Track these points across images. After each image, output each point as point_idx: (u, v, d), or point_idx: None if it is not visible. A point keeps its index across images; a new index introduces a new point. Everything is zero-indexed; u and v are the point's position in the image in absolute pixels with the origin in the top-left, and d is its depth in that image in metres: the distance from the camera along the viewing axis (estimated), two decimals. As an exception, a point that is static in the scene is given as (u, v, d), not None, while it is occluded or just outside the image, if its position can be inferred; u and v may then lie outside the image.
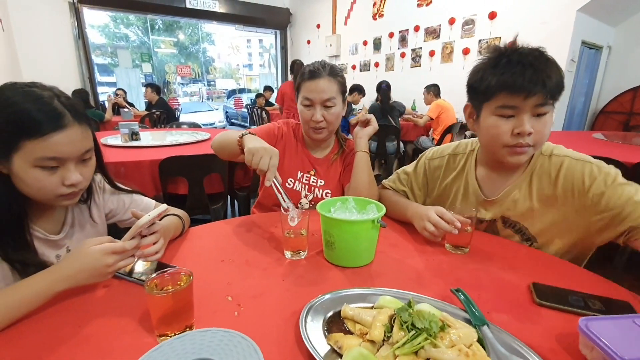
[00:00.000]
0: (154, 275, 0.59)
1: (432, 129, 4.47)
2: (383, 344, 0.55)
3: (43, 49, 5.76)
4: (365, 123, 1.27)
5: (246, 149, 0.93)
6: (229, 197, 2.55)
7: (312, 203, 1.29)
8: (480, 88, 0.90)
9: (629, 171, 2.03)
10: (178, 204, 1.15)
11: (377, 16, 6.43)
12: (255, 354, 0.37)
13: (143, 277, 0.77)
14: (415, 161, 1.22)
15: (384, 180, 1.29)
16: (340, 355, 0.53)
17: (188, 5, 7.30)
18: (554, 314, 0.68)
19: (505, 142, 0.89)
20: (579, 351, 0.58)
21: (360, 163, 1.21)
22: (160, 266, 0.82)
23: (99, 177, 0.97)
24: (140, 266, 0.82)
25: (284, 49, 9.20)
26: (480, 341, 0.56)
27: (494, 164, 1.01)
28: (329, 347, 0.56)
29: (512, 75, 0.83)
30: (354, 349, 0.52)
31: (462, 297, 0.68)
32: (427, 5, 5.52)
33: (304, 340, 0.56)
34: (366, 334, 0.57)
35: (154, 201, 1.07)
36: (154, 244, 0.78)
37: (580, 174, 0.89)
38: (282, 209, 0.90)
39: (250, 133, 1.03)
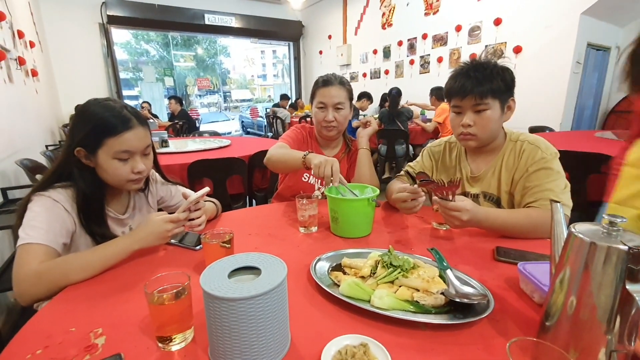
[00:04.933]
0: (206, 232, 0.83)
1: (440, 132, 4.64)
2: (370, 278, 0.76)
3: (76, 67, 6.29)
4: (366, 124, 1.50)
5: (314, 165, 1.15)
6: (248, 197, 2.80)
7: (324, 195, 1.51)
8: (445, 93, 1.21)
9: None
10: None
11: (386, 25, 6.69)
12: (281, 263, 0.59)
13: (190, 244, 1.00)
14: (419, 155, 1.42)
15: (398, 175, 1.49)
16: (340, 285, 0.74)
17: (207, 22, 7.76)
18: (508, 266, 0.87)
19: (458, 132, 1.17)
20: (520, 287, 0.77)
21: (362, 159, 1.43)
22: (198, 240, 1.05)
23: (151, 171, 1.22)
24: (188, 236, 1.05)
25: (297, 59, 9.56)
26: (442, 278, 0.76)
27: (474, 150, 1.22)
28: (330, 282, 0.77)
29: (455, 83, 1.13)
30: (349, 279, 0.73)
31: (436, 254, 0.88)
32: (434, 13, 5.73)
33: (313, 276, 0.78)
34: (358, 273, 0.78)
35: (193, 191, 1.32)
36: (199, 218, 1.02)
37: (528, 154, 1.13)
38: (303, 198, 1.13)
39: (309, 152, 1.26)
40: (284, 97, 7.93)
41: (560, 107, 4.42)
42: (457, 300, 0.66)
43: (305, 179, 1.52)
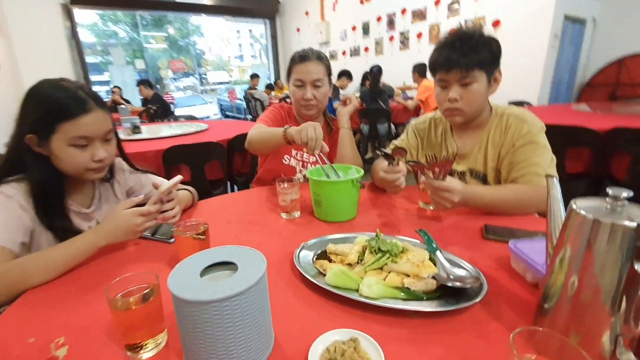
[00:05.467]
0: (179, 224, 0.76)
1: (422, 110, 4.61)
2: (357, 265, 0.72)
3: (39, 51, 5.84)
4: (345, 102, 1.43)
5: (295, 131, 1.09)
6: (228, 183, 2.71)
7: (306, 178, 1.46)
8: (429, 67, 1.14)
9: (600, 137, 2.19)
10: None
11: (364, 0, 6.49)
12: (259, 256, 0.53)
13: (164, 237, 0.93)
14: (404, 132, 1.37)
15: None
16: (325, 275, 0.70)
17: (177, -1, 7.34)
18: (498, 245, 0.85)
19: (444, 107, 1.12)
20: (511, 266, 0.75)
21: (344, 138, 1.37)
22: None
23: (118, 160, 1.13)
24: (162, 228, 0.98)
25: (274, 38, 9.25)
26: (433, 260, 0.72)
27: (458, 126, 1.18)
28: (315, 271, 0.72)
29: (440, 56, 1.07)
30: (335, 267, 0.68)
31: (424, 236, 0.85)
32: (413, -13, 5.59)
33: (297, 265, 0.72)
34: (345, 260, 0.74)
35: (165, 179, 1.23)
36: (172, 209, 0.94)
37: (514, 129, 1.09)
38: (277, 183, 1.06)
39: (289, 126, 1.18)
40: (254, 76, 7.64)
41: (538, 81, 4.45)
42: (450, 284, 0.63)
43: (286, 161, 1.45)
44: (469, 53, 1.02)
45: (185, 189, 1.16)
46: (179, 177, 0.91)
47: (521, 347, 0.45)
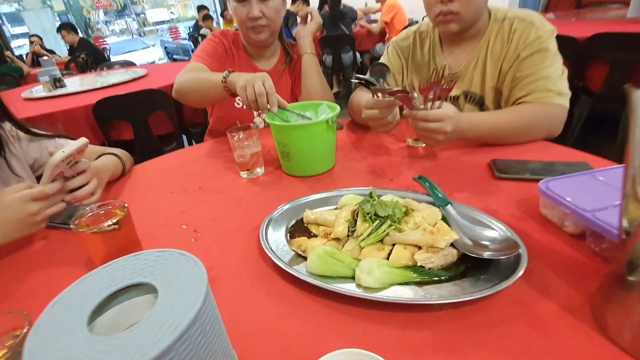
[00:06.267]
0: (81, 211, 0.51)
1: (387, 34, 4.23)
2: (348, 239, 0.53)
3: None
4: (306, 18, 1.12)
5: (239, 88, 0.80)
6: (183, 136, 2.38)
7: (267, 123, 1.20)
8: None
9: (581, 45, 2.03)
10: (128, 150, 1.02)
11: None
12: (197, 267, 0.32)
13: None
14: (384, 53, 1.12)
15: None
16: (306, 258, 0.51)
17: None
18: (514, 184, 0.68)
19: (435, 13, 0.88)
20: (540, 213, 0.59)
21: (308, 67, 1.10)
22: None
23: (8, 126, 0.82)
24: (79, 211, 0.73)
25: (215, -40, 7.98)
26: (445, 219, 0.55)
27: (451, 37, 0.95)
28: (292, 254, 0.53)
29: None
30: (318, 248, 0.49)
31: (425, 183, 0.66)
32: None
33: (265, 249, 0.52)
34: (330, 233, 0.54)
35: (100, 147, 0.94)
36: (87, 184, 0.68)
37: (520, 35, 0.87)
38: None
39: (229, 72, 0.89)
40: (202, 8, 6.67)
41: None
42: (486, 255, 0.45)
43: (238, 104, 1.17)
44: None
45: (111, 154, 0.89)
46: (81, 140, 0.64)
47: None
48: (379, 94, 0.75)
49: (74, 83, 2.52)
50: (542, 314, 0.41)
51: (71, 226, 0.50)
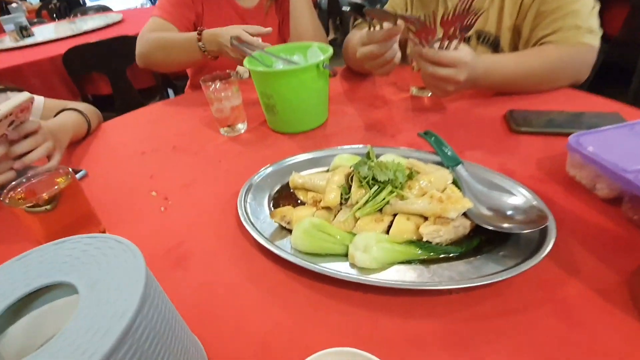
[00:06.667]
0: (13, 183, 0.42)
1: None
2: (341, 208, 0.45)
3: None
4: None
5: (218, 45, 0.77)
6: (169, 90, 2.22)
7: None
8: None
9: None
10: (106, 106, 0.91)
11: None
12: (135, 259, 0.24)
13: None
14: None
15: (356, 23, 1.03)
16: (291, 231, 0.43)
17: None
18: (535, 140, 0.59)
19: None
20: (566, 173, 0.50)
21: (298, 4, 0.95)
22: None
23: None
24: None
25: None
26: (456, 183, 0.46)
27: None
28: (276, 226, 0.45)
29: None
30: (305, 220, 0.41)
31: (432, 139, 0.57)
32: None
33: (244, 222, 0.44)
34: (320, 201, 0.46)
35: (45, 99, 0.82)
36: (39, 148, 0.59)
37: None
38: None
39: (201, 30, 0.82)
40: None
41: None
42: (507, 230, 0.38)
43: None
44: None
45: (72, 109, 0.78)
46: (22, 96, 0.53)
47: None
48: (381, 24, 0.61)
49: (43, 32, 2.29)
50: (571, 298, 0.34)
51: (5, 200, 0.41)
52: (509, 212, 0.40)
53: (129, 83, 1.78)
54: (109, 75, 1.73)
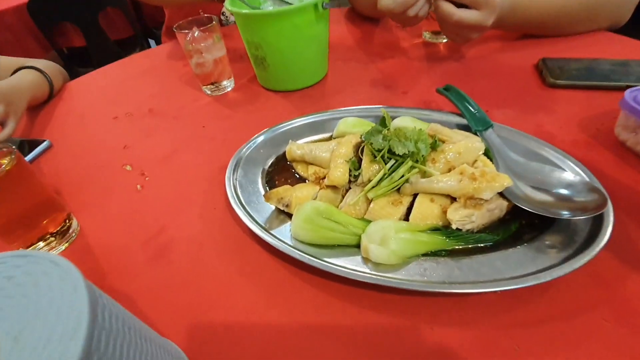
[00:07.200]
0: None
1: None
2: (349, 187, 0.37)
3: None
4: None
5: None
6: (150, 41, 2.03)
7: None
8: None
9: None
10: (81, 60, 0.79)
11: None
12: (75, 292, 0.17)
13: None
14: None
15: None
16: (291, 216, 0.36)
17: None
18: (574, 94, 0.50)
19: None
20: (614, 138, 0.42)
21: None
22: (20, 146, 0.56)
23: None
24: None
25: None
26: (487, 153, 0.38)
27: None
28: (273, 207, 0.38)
29: None
30: (306, 204, 0.34)
31: (454, 96, 0.48)
32: None
33: (234, 205, 0.37)
34: (324, 177, 0.38)
35: (16, 58, 0.71)
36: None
37: None
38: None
39: None
40: None
41: None
42: (563, 216, 0.31)
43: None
44: None
45: (30, 68, 0.66)
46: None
47: None
48: None
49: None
50: (633, 297, 0.28)
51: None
52: (556, 191, 0.33)
53: (103, 33, 1.61)
54: (79, 25, 1.55)
